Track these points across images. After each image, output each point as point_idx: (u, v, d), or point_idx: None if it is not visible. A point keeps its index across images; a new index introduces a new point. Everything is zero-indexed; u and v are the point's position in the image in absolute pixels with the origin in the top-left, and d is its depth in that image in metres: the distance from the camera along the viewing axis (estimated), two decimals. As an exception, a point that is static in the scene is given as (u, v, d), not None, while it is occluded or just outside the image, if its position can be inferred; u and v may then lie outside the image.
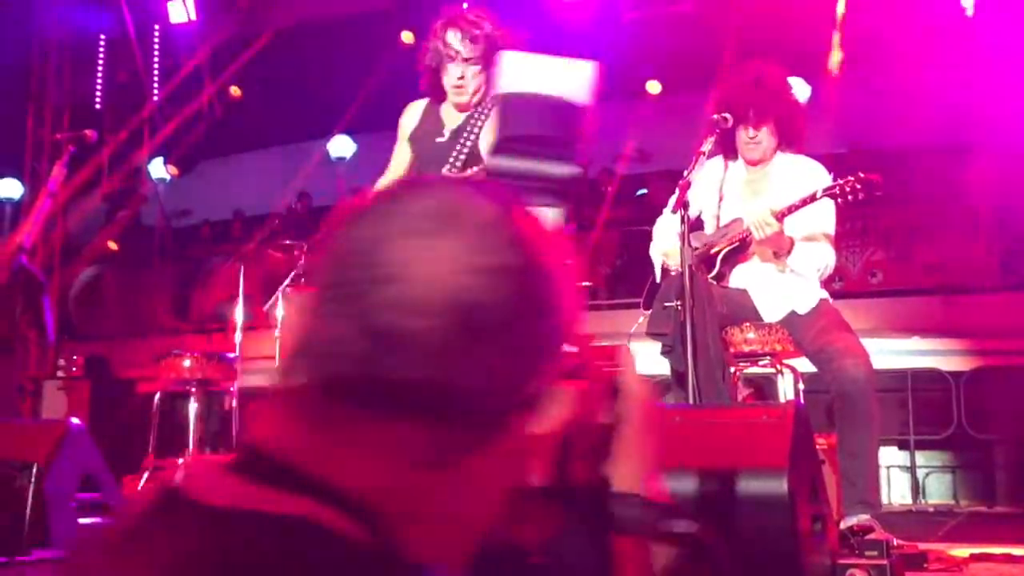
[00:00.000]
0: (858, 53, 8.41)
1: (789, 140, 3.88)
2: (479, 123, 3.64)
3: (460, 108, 3.71)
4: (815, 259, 3.73)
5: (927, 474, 7.39)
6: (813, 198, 3.59)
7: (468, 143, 3.63)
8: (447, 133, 3.73)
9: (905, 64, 8.48)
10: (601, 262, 9.76)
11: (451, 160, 3.64)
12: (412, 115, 3.86)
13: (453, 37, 3.56)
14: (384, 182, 3.75)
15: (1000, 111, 8.08)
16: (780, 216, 3.64)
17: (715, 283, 3.81)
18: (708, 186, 3.98)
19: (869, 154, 9.01)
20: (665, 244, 3.93)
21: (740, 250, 3.84)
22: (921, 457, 7.37)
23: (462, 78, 3.58)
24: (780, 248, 3.72)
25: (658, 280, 3.98)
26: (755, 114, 3.79)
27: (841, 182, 3.55)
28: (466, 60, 3.56)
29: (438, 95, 3.74)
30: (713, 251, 3.86)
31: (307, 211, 9.95)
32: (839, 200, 3.57)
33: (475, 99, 3.65)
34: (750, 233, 3.71)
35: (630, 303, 7.78)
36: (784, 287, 3.77)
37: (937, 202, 8.73)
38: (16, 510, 2.81)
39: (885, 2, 7.95)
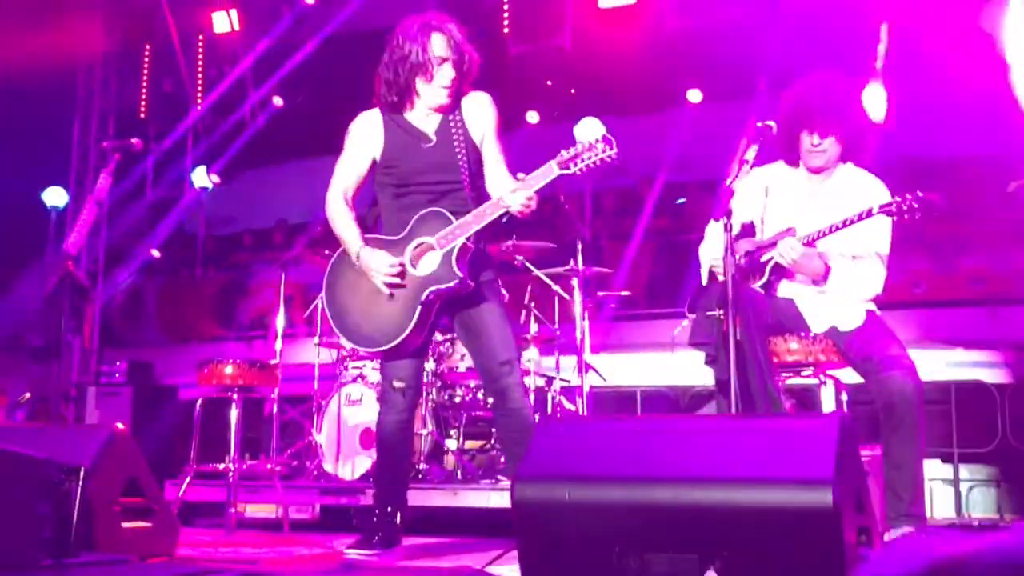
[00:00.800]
0: (905, 60, 8.32)
1: (854, 152, 3.83)
2: (459, 125, 3.85)
3: (439, 110, 3.84)
4: (859, 285, 3.68)
5: (971, 488, 7.28)
6: (867, 214, 3.55)
7: (462, 146, 3.82)
8: (434, 138, 3.84)
9: (954, 71, 8.38)
10: (640, 272, 9.73)
11: (459, 166, 3.81)
12: (371, 127, 3.93)
13: (439, 41, 3.75)
14: (334, 191, 3.94)
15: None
16: (810, 242, 3.60)
17: (763, 291, 3.78)
18: (757, 193, 3.94)
19: (917, 163, 8.91)
20: (714, 250, 3.90)
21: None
22: (965, 471, 7.27)
23: (452, 80, 3.78)
24: (813, 274, 3.68)
25: (704, 283, 3.95)
26: (822, 121, 3.75)
27: (899, 199, 3.50)
28: (454, 62, 3.76)
29: (402, 105, 3.86)
30: (763, 259, 3.82)
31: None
32: (895, 218, 3.52)
33: (450, 101, 3.85)
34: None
35: (670, 312, 7.76)
36: (829, 302, 3.73)
37: (983, 212, 8.60)
38: (63, 513, 2.85)
39: (931, 9, 7.84)
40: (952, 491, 7.23)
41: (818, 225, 3.67)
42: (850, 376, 3.88)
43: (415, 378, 3.93)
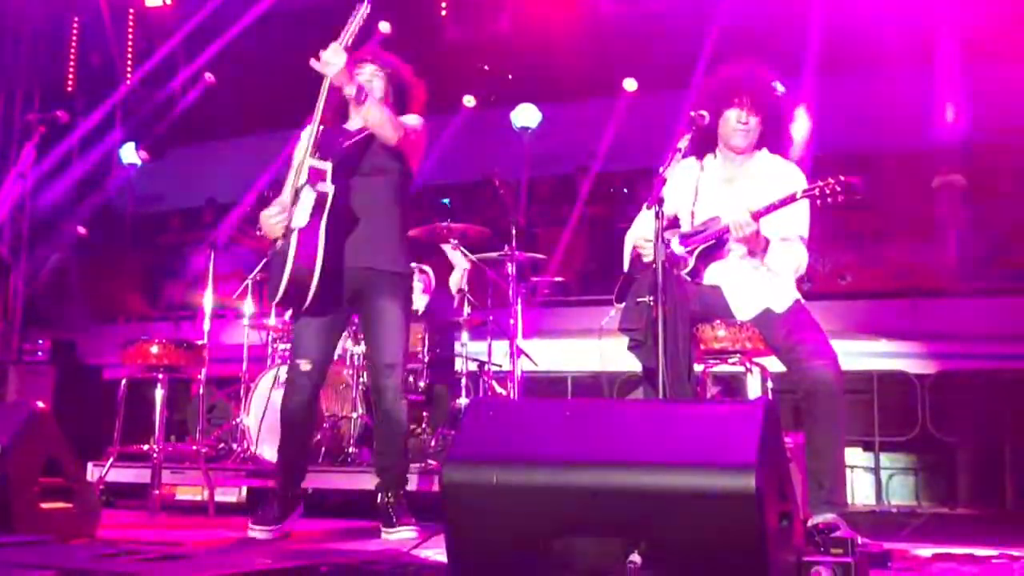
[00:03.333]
0: (833, 56, 8.46)
1: (774, 137, 3.90)
2: None
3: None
4: (791, 259, 3.75)
5: (891, 475, 7.47)
6: (793, 198, 3.61)
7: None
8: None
9: (879, 68, 8.56)
10: (574, 259, 9.78)
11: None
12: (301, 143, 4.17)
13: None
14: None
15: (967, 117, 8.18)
16: (757, 216, 3.65)
17: (689, 280, 3.82)
18: (684, 185, 3.98)
19: (842, 157, 9.07)
20: (639, 233, 3.93)
21: (716, 248, 3.84)
22: (885, 459, 7.45)
23: None
24: (757, 247, 3.74)
25: (625, 270, 3.98)
26: (750, 100, 3.81)
27: (821, 184, 3.56)
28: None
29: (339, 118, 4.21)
30: (687, 249, 3.87)
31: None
32: (819, 202, 3.58)
33: None
34: (727, 231, 3.73)
35: (603, 299, 7.80)
36: (760, 285, 3.78)
37: (906, 206, 8.80)
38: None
39: (861, 7, 7.99)
40: (873, 478, 7.41)
41: (738, 209, 3.72)
42: (776, 364, 3.94)
43: (325, 356, 4.09)
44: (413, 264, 6.83)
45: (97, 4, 9.65)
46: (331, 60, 3.81)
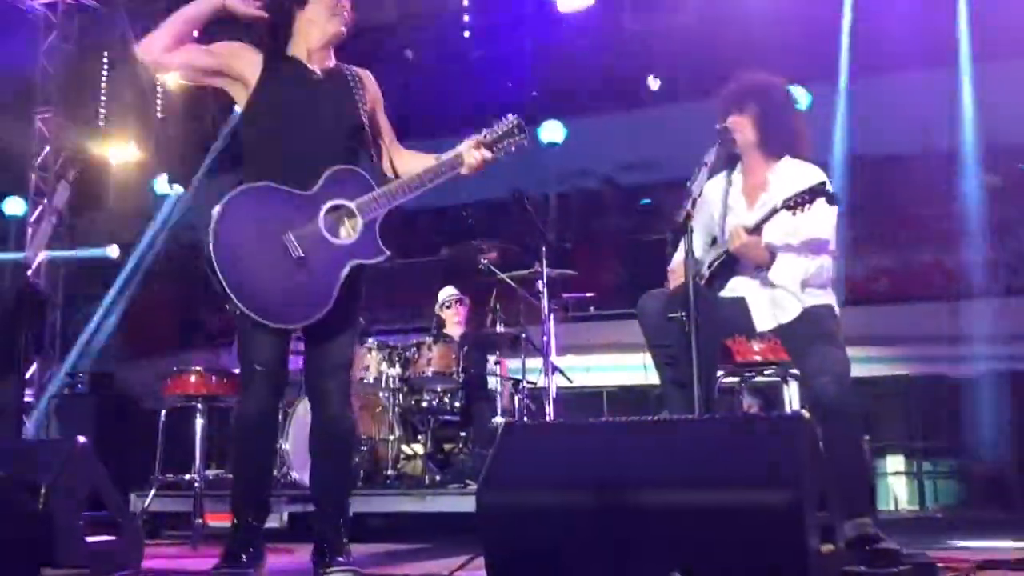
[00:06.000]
0: (864, 59, 8.43)
1: (776, 139, 3.89)
2: (358, 84, 3.60)
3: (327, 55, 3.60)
4: (793, 269, 3.72)
5: (932, 480, 7.38)
6: (775, 211, 3.62)
7: (365, 108, 3.58)
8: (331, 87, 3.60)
9: (907, 69, 8.50)
10: (605, 272, 9.77)
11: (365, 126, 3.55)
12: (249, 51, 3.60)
13: None
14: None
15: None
16: (751, 230, 3.65)
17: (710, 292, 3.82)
18: (715, 200, 3.98)
19: (877, 158, 9.02)
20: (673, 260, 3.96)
21: (733, 261, 3.84)
22: (926, 464, 7.37)
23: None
24: (759, 261, 3.73)
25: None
26: (735, 100, 3.86)
27: (796, 193, 3.56)
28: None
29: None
30: (707, 263, 3.87)
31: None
32: (794, 211, 3.57)
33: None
34: (722, 243, 3.76)
35: (635, 312, 7.78)
36: (770, 298, 3.77)
37: (942, 208, 8.71)
38: (24, 530, 2.81)
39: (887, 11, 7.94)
40: (915, 483, 7.32)
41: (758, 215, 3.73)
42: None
43: (279, 362, 3.35)
44: (452, 294, 6.90)
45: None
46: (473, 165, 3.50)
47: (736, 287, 3.87)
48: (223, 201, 3.21)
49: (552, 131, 9.76)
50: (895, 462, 7.16)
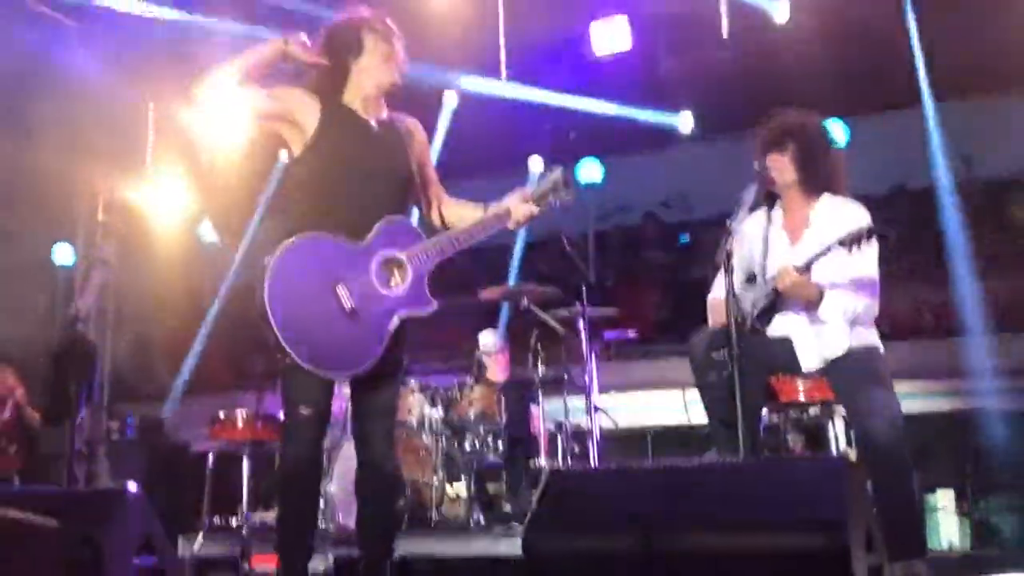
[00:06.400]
0: (904, 91, 8.39)
1: (816, 177, 3.90)
2: (406, 132, 3.68)
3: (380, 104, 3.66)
4: (840, 306, 3.71)
5: (984, 518, 7.23)
6: (828, 249, 3.61)
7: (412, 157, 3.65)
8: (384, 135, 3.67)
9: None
10: (646, 310, 9.75)
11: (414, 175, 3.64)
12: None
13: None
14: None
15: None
16: (801, 269, 3.65)
17: (754, 332, 3.81)
18: (755, 238, 3.99)
19: (919, 190, 8.95)
20: (714, 299, 3.96)
21: (779, 300, 3.84)
22: (980, 501, 7.22)
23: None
24: (808, 299, 3.72)
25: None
26: (773, 139, 3.90)
27: (852, 232, 3.55)
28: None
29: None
30: (753, 302, 3.87)
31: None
32: (850, 249, 3.57)
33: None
34: (771, 282, 3.75)
35: (678, 350, 7.74)
36: (817, 336, 3.75)
37: (988, 239, 8.62)
38: (78, 579, 2.86)
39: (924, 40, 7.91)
40: (967, 521, 7.18)
41: (807, 255, 3.73)
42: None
43: (325, 406, 3.37)
44: (493, 341, 6.93)
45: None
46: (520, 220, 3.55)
47: (782, 325, 3.86)
48: (277, 252, 3.22)
49: (590, 170, 9.80)
50: (945, 498, 7.02)
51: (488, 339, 6.89)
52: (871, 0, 7.63)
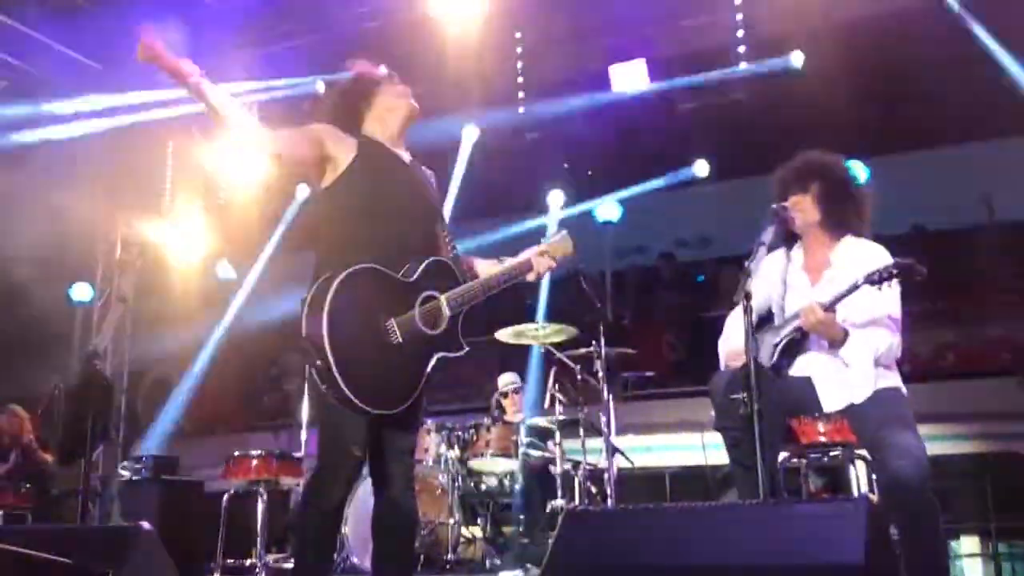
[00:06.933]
0: (920, 134, 8.40)
1: (838, 217, 3.88)
2: (428, 175, 3.74)
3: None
4: (869, 347, 3.67)
5: (1010, 563, 7.12)
6: (856, 286, 3.59)
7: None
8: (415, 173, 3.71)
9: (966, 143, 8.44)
10: (663, 350, 9.71)
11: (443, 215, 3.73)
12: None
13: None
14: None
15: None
16: (826, 307, 3.62)
17: (773, 374, 3.77)
18: (773, 278, 3.97)
19: (941, 233, 8.94)
20: (732, 343, 3.91)
21: (801, 340, 3.80)
22: (1003, 545, 7.11)
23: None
24: (833, 338, 3.69)
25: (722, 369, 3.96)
26: (796, 179, 3.89)
27: (880, 268, 3.54)
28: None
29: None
30: (774, 342, 3.83)
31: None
32: (879, 286, 3.54)
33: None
34: (792, 319, 3.72)
35: (695, 391, 7.71)
36: (841, 377, 3.71)
37: (1008, 280, 8.57)
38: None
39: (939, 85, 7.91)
40: (992, 566, 7.07)
41: (829, 296, 3.70)
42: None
43: (367, 447, 3.26)
44: (512, 382, 6.92)
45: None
46: (540, 272, 3.65)
47: (805, 365, 3.82)
48: (335, 281, 3.11)
49: (608, 210, 9.82)
50: (969, 544, 6.92)
51: (507, 379, 6.89)
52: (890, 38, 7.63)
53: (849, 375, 3.69)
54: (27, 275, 8.01)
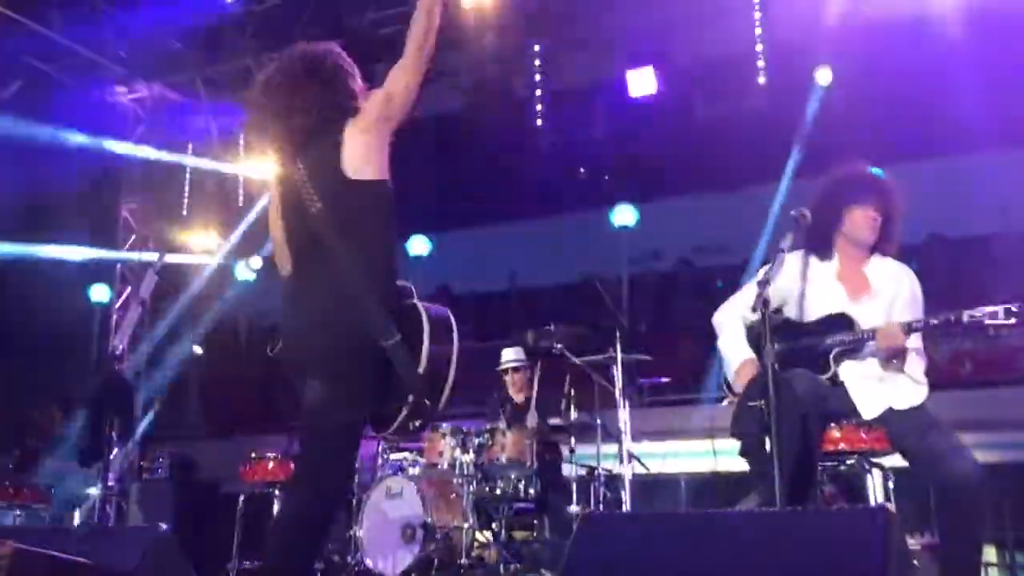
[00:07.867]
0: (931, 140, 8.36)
1: (888, 240, 3.91)
2: None
3: None
4: (919, 363, 3.71)
5: (1026, 573, 7.08)
6: (955, 322, 3.58)
7: None
8: None
9: (980, 150, 8.40)
10: (680, 356, 9.69)
11: None
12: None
13: None
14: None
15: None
16: (907, 330, 3.63)
17: (830, 383, 3.78)
18: (789, 275, 3.95)
19: (958, 240, 8.89)
20: (736, 340, 3.93)
21: (854, 350, 3.80)
22: (1020, 556, 7.07)
23: None
24: (901, 359, 3.69)
25: (729, 378, 3.97)
26: (882, 199, 3.87)
27: (988, 310, 3.56)
28: None
29: None
30: (825, 349, 3.82)
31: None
32: (990, 330, 3.55)
33: None
34: (871, 338, 3.69)
35: (712, 396, 7.70)
36: (887, 384, 3.71)
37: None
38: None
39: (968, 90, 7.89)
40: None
41: (872, 315, 3.72)
42: (894, 461, 3.84)
43: None
44: (512, 359, 6.92)
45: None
46: None
47: (852, 369, 3.81)
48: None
49: (624, 215, 9.81)
50: (986, 554, 6.88)
51: (508, 354, 6.87)
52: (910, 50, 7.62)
53: (897, 382, 3.70)
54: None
